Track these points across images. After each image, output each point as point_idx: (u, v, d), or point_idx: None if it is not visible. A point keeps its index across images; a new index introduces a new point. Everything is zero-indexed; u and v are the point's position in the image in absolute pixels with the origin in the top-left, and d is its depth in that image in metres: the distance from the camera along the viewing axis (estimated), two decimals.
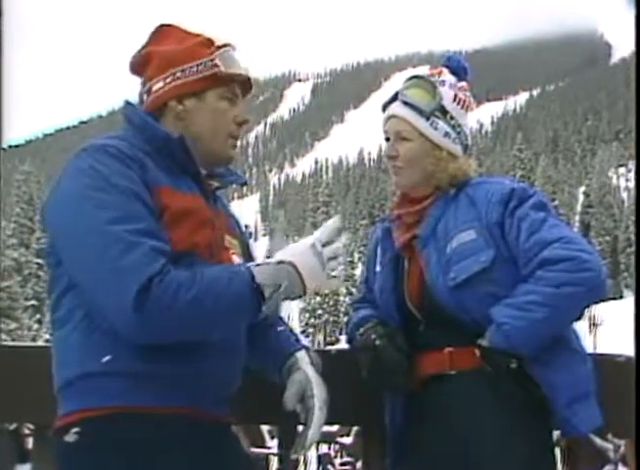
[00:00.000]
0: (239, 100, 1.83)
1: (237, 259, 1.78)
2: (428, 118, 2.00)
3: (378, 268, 2.10)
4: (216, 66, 1.77)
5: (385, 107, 2.09)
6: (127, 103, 1.81)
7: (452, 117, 2.03)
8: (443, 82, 2.05)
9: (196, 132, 1.77)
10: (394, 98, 2.07)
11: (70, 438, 1.51)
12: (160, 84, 1.77)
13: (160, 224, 1.59)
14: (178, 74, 1.77)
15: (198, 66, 1.77)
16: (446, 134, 2.02)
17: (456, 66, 2.11)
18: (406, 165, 2.01)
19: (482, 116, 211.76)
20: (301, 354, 1.83)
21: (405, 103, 2.02)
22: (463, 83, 2.10)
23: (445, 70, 2.08)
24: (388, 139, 2.07)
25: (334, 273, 1.61)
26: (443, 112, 2.02)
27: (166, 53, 1.78)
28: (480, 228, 1.91)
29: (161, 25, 1.84)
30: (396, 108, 2.04)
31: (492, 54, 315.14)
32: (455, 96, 2.05)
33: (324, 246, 1.61)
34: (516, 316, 1.81)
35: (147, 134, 1.72)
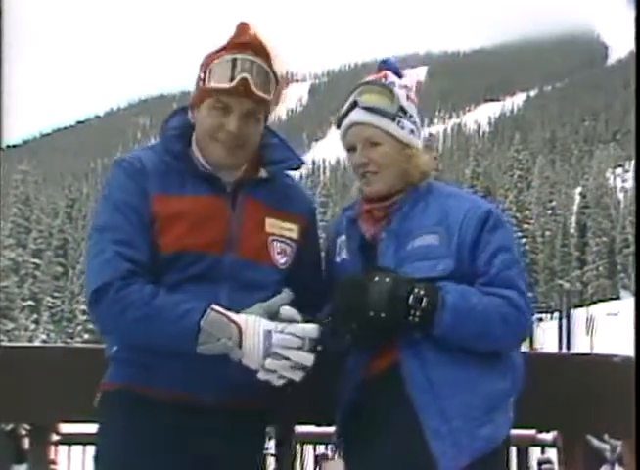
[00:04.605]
0: (235, 107, 1.84)
1: (278, 246, 1.91)
2: (393, 120, 2.03)
3: (345, 256, 2.07)
4: (201, 80, 1.87)
5: (341, 118, 2.07)
6: (177, 110, 2.01)
7: (411, 116, 2.06)
8: (394, 84, 2.07)
9: (196, 139, 1.92)
10: (352, 107, 2.05)
11: (95, 402, 1.91)
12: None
13: (153, 231, 1.83)
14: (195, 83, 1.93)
15: (197, 79, 1.90)
16: (411, 132, 2.06)
17: (393, 67, 2.13)
18: (381, 169, 2.01)
19: (480, 116, 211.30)
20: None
21: (367, 108, 2.03)
22: (405, 82, 2.12)
23: (389, 73, 2.10)
24: (351, 149, 2.05)
25: (274, 366, 1.72)
26: (404, 111, 2.05)
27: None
28: (444, 237, 1.93)
29: (241, 23, 1.95)
30: (360, 115, 2.03)
31: (490, 54, 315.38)
32: (407, 95, 2.08)
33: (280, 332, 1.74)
34: (459, 291, 1.86)
35: (165, 144, 1.94)
